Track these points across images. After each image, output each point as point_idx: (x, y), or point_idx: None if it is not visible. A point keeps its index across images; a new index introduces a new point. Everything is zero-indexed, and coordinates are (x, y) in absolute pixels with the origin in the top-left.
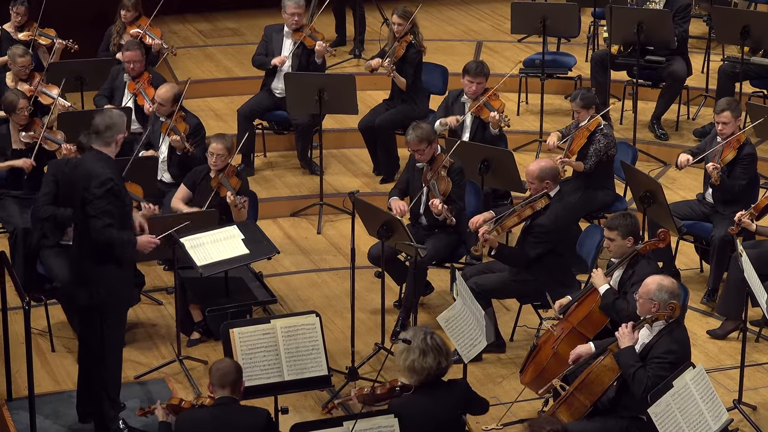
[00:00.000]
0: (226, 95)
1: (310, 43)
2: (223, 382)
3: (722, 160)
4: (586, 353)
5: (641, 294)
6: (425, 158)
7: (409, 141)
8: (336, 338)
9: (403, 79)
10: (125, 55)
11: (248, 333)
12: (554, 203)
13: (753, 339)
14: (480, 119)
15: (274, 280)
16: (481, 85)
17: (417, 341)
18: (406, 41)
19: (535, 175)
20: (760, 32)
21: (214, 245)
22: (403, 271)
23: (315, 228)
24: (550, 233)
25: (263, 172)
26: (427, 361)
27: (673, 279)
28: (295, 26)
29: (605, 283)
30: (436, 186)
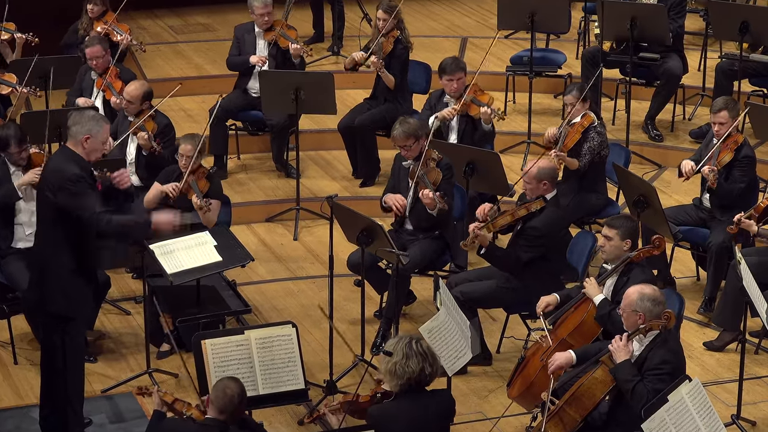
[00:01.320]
0: (197, 94)
1: (284, 43)
2: (222, 407)
3: (719, 163)
4: (566, 363)
5: (623, 307)
6: (412, 154)
7: (395, 136)
8: (313, 350)
9: (391, 77)
10: (87, 51)
11: (221, 345)
12: (549, 207)
13: (752, 351)
14: (468, 117)
15: (249, 289)
16: (461, 81)
17: (401, 345)
18: (393, 36)
19: (533, 175)
20: (760, 28)
21: (185, 252)
22: (385, 279)
23: (291, 234)
24: (542, 237)
25: (237, 175)
26: (409, 365)
27: (655, 287)
28: (266, 26)
29: (599, 292)
30: (426, 177)
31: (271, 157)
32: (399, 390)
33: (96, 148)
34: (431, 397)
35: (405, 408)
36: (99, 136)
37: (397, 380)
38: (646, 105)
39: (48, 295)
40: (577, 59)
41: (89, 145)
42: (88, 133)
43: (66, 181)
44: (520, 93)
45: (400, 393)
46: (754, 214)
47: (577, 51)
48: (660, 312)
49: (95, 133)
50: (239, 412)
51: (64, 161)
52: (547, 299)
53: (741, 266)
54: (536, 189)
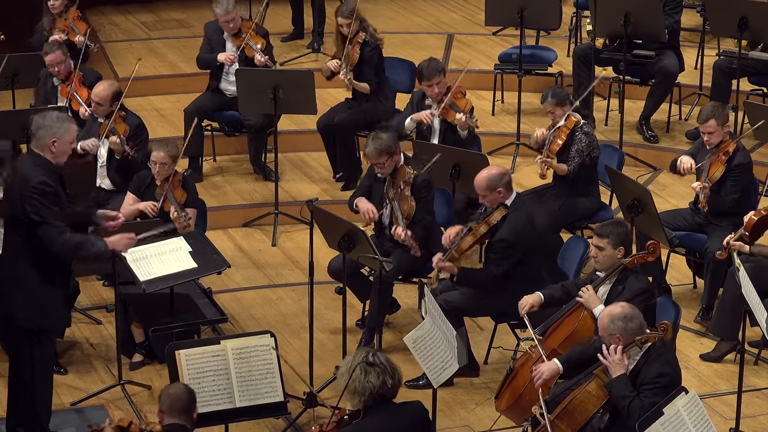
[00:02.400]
0: (171, 93)
1: (250, 53)
2: (174, 409)
3: (710, 178)
4: (554, 374)
5: (601, 334)
6: (386, 171)
7: (367, 153)
8: (293, 361)
9: (364, 85)
10: (46, 59)
11: (196, 355)
12: (512, 213)
13: (751, 362)
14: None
15: (225, 297)
16: (442, 84)
17: (357, 360)
18: (359, 42)
19: (484, 186)
20: (759, 24)
21: (158, 258)
22: (367, 286)
23: (269, 239)
24: (513, 246)
25: (212, 178)
26: (369, 380)
27: (624, 303)
28: (233, 31)
29: (599, 303)
30: (398, 209)
31: (248, 159)
32: (364, 407)
33: (64, 151)
34: (401, 408)
35: (377, 423)
36: (66, 138)
37: (359, 397)
38: (640, 105)
39: (17, 307)
40: (568, 57)
41: (57, 148)
42: (55, 136)
43: (32, 190)
44: (508, 92)
45: (366, 410)
46: (744, 234)
47: (568, 48)
48: (636, 327)
49: (62, 136)
50: (193, 410)
51: (30, 167)
52: (530, 300)
53: (740, 273)
54: (494, 199)
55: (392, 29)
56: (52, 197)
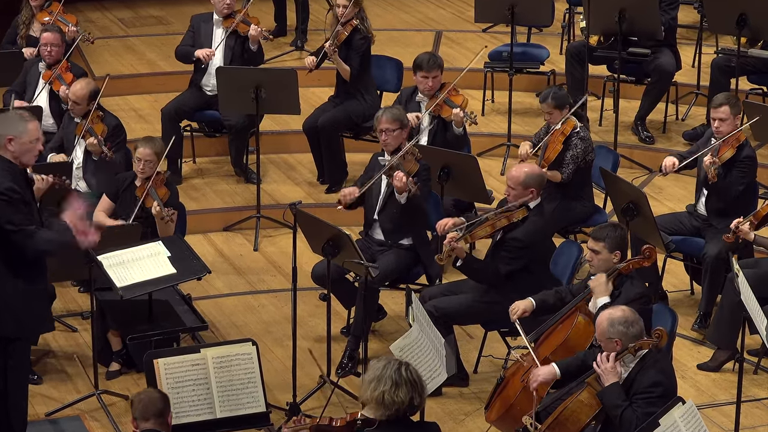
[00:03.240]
0: (149, 92)
1: (244, 29)
2: (146, 414)
3: (720, 158)
4: (550, 378)
5: (599, 338)
6: (393, 143)
7: (380, 117)
8: (275, 370)
9: (346, 67)
10: (43, 37)
11: (175, 364)
12: (533, 216)
13: (750, 371)
14: (440, 119)
15: (205, 304)
16: (437, 80)
17: (390, 371)
18: (351, 25)
19: (521, 180)
20: (759, 20)
21: (136, 264)
22: (352, 293)
23: (251, 244)
24: (525, 248)
25: (192, 181)
26: (399, 395)
27: (625, 307)
28: (227, 11)
29: (606, 294)
30: (401, 165)
31: (229, 161)
32: (384, 420)
33: (26, 150)
34: (417, 429)
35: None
36: (24, 135)
37: (385, 410)
38: (635, 104)
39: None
40: (561, 55)
41: (15, 147)
42: (11, 134)
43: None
44: (499, 91)
45: (383, 423)
46: (753, 221)
47: (561, 46)
48: (637, 332)
49: (19, 134)
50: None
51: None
52: (521, 305)
53: (739, 279)
54: (521, 196)
55: (378, 26)
56: (20, 204)
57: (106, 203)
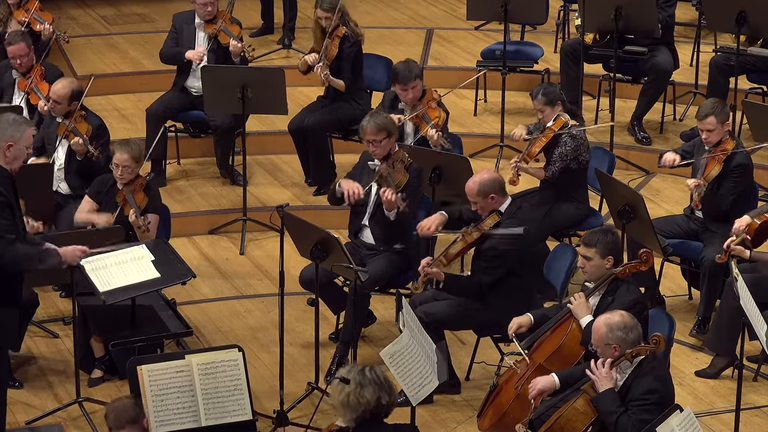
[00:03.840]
0: (133, 92)
1: (225, 39)
2: (120, 423)
3: (705, 178)
4: (549, 387)
5: (596, 344)
6: (381, 152)
7: (364, 128)
8: (262, 377)
9: (340, 82)
10: (9, 50)
11: (159, 371)
12: (506, 220)
13: (750, 378)
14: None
15: (190, 309)
16: (417, 89)
17: (354, 373)
18: (338, 36)
19: (475, 191)
20: (759, 18)
21: (119, 268)
22: (341, 298)
23: (237, 248)
24: (501, 256)
25: (177, 182)
26: (364, 395)
27: (623, 312)
28: (208, 17)
29: (588, 313)
30: (390, 176)
31: (214, 162)
32: (356, 425)
33: (18, 156)
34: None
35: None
36: (22, 142)
37: (352, 413)
38: (632, 104)
39: None
40: (555, 53)
41: (11, 153)
42: (10, 139)
43: None
44: (492, 91)
45: (357, 428)
46: (746, 237)
47: (555, 44)
48: (636, 338)
49: (18, 140)
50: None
51: None
52: (519, 320)
53: (738, 284)
54: (486, 205)
55: (368, 24)
56: (6, 208)
57: (89, 204)
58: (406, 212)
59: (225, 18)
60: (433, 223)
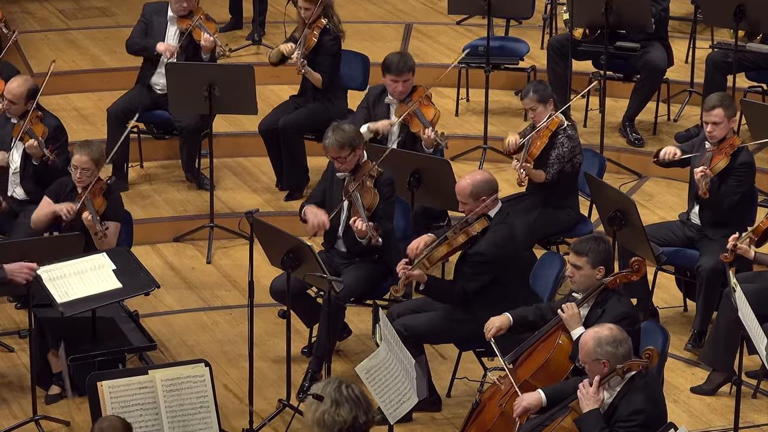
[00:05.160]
0: (93, 91)
1: (199, 35)
2: None
3: (712, 169)
4: (535, 405)
5: (584, 359)
6: (347, 167)
7: (327, 146)
8: (230, 393)
9: (317, 75)
10: None
11: (121, 387)
12: (494, 226)
13: (749, 395)
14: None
15: (153, 321)
16: (408, 84)
17: (330, 390)
18: (319, 26)
19: (468, 191)
20: (758, 12)
21: (78, 277)
22: (314, 309)
23: (204, 256)
24: (489, 262)
25: (139, 187)
26: (340, 414)
27: (612, 326)
28: (182, 12)
29: (579, 325)
30: (360, 199)
31: (179, 165)
32: None
33: None
34: None
35: None
36: None
37: None
38: (624, 103)
39: None
40: (542, 49)
41: None
42: None
43: None
44: (474, 89)
45: None
46: (752, 238)
47: (542, 40)
48: (626, 352)
49: None
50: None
51: None
52: (497, 321)
53: (736, 294)
54: (475, 207)
55: (343, 18)
56: None
57: (46, 203)
58: (378, 245)
59: (201, 14)
60: (421, 242)
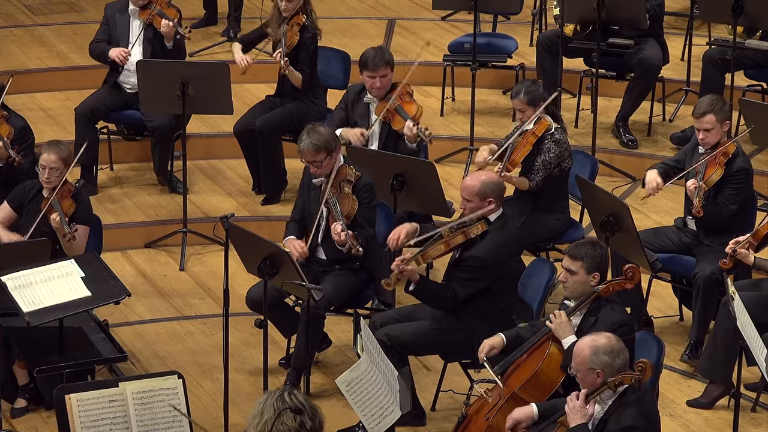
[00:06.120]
0: (60, 90)
1: (160, 22)
2: None
3: (706, 182)
4: (527, 418)
5: (577, 367)
6: (323, 172)
7: (302, 150)
8: (204, 406)
9: (298, 74)
10: None
11: (90, 400)
12: (494, 231)
13: (748, 408)
14: (391, 129)
15: (124, 331)
16: (386, 79)
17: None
18: (298, 23)
19: (476, 190)
20: (757, 7)
21: (45, 286)
22: (293, 319)
23: (177, 263)
24: (485, 268)
25: (109, 190)
26: (285, 422)
27: (610, 335)
28: (142, 2)
29: (571, 333)
30: (338, 205)
31: (151, 168)
32: None
33: None
34: None
35: None
36: None
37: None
38: (617, 103)
39: None
40: (531, 46)
41: None
42: None
43: None
44: (460, 88)
45: None
46: (752, 242)
47: (531, 36)
48: (622, 364)
49: None
50: None
51: None
52: (491, 342)
53: (735, 303)
54: (478, 208)
55: (322, 13)
56: None
57: (6, 212)
58: (359, 254)
59: (161, 1)
60: (402, 231)
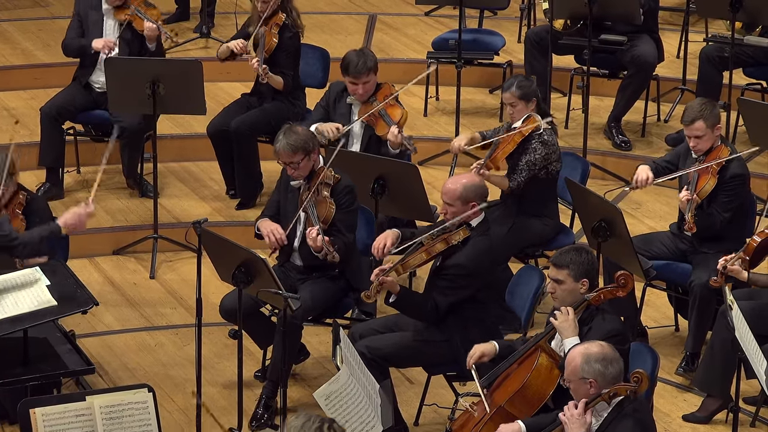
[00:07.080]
0: (24, 88)
1: (140, 25)
2: None
3: (699, 193)
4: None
5: (569, 377)
6: (301, 174)
7: (279, 150)
8: (175, 421)
9: (279, 79)
10: None
11: (55, 414)
12: (476, 237)
13: (747, 423)
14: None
15: (92, 342)
16: (369, 85)
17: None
18: (277, 23)
19: (458, 194)
20: (757, 1)
21: (8, 295)
22: (269, 329)
23: (147, 270)
24: (468, 276)
25: (76, 194)
26: None
27: (603, 343)
28: (117, 2)
29: (575, 334)
30: (315, 210)
31: (120, 171)
32: None
33: None
34: None
35: None
36: None
37: None
38: (609, 102)
39: None
40: (519, 43)
41: None
42: None
43: None
44: (444, 87)
45: None
46: (743, 257)
47: (519, 32)
48: (616, 373)
49: None
50: None
51: None
52: (482, 348)
53: (733, 312)
54: (460, 212)
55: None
56: None
57: None
58: (335, 260)
59: (139, 1)
60: (387, 239)
